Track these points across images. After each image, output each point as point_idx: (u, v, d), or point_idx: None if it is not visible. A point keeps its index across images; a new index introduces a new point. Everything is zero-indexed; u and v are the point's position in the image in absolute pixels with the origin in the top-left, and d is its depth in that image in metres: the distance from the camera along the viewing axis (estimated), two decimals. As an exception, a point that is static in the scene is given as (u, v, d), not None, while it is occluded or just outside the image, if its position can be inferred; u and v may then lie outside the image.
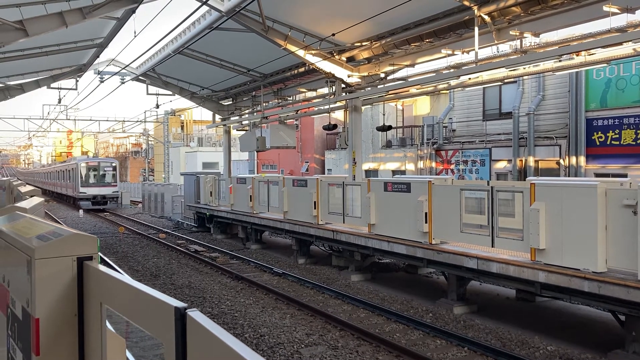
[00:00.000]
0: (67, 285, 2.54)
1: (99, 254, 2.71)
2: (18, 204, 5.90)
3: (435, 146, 25.30)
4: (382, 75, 18.12)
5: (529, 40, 15.05)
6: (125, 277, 2.23)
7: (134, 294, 2.05)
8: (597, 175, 18.13)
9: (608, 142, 18.55)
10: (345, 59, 17.42)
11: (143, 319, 2.01)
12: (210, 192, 23.61)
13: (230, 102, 28.60)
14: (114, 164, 38.97)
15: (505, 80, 15.31)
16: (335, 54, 17.22)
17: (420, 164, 26.01)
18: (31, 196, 7.95)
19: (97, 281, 2.46)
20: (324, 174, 32.71)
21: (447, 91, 23.05)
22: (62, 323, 2.52)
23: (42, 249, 2.54)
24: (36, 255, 2.52)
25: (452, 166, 24.70)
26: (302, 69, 20.03)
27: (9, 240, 3.12)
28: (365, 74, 17.71)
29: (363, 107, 19.81)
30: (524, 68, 14.85)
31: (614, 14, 11.08)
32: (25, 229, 3.17)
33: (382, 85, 18.27)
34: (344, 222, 14.44)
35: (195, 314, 1.61)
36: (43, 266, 2.51)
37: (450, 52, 15.18)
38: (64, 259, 2.55)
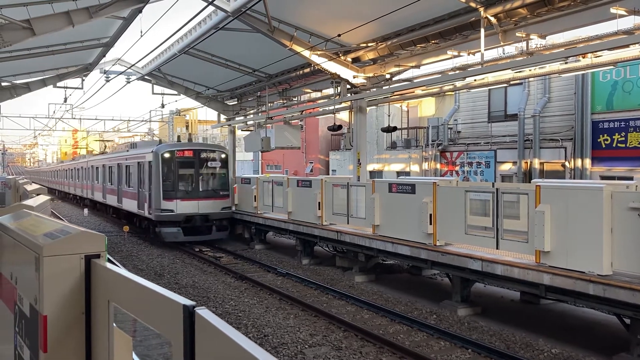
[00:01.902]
0: (75, 283, 2.55)
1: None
2: (25, 202, 5.93)
3: (440, 148, 25.25)
4: (388, 76, 18.10)
5: (535, 42, 15.00)
6: (133, 275, 2.24)
7: (142, 292, 2.06)
8: (603, 178, 18.06)
9: (614, 145, 18.48)
10: (350, 60, 17.41)
11: (151, 317, 2.02)
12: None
13: (236, 102, 28.61)
14: (223, 155, 20.36)
15: (511, 82, 15.26)
16: (340, 55, 17.22)
17: (425, 166, 25.97)
18: (37, 194, 8.00)
19: (104, 279, 2.47)
20: (328, 174, 32.70)
21: (453, 93, 22.99)
22: (69, 320, 2.54)
23: (50, 247, 2.56)
24: (44, 253, 2.53)
25: (457, 168, 24.65)
26: (307, 70, 20.02)
27: (17, 238, 3.13)
28: (371, 74, 17.70)
29: (368, 108, 19.79)
30: (530, 70, 14.80)
31: (621, 16, 11.05)
32: (33, 227, 3.19)
33: (388, 87, 18.25)
34: (348, 223, 14.43)
35: (203, 312, 1.62)
36: (51, 264, 2.53)
37: (456, 53, 15.15)
38: (71, 256, 2.56)
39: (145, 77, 26.42)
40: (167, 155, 19.02)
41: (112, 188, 26.04)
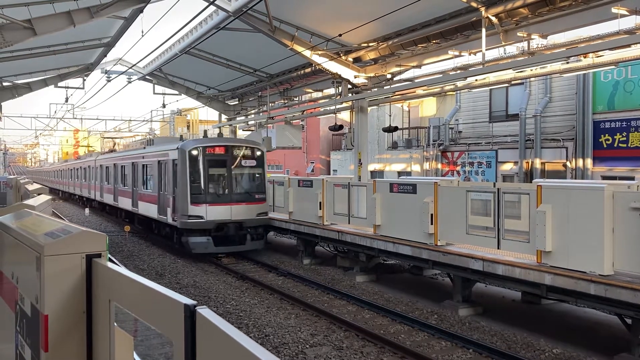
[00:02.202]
0: (76, 282, 2.55)
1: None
2: (26, 202, 5.93)
3: (441, 147, 25.25)
4: (389, 76, 18.11)
5: (537, 41, 15.00)
6: (134, 275, 2.24)
7: (143, 291, 2.06)
8: (604, 178, 18.05)
9: (615, 145, 18.46)
10: (351, 60, 17.41)
11: (152, 317, 2.02)
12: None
13: (237, 102, 28.65)
14: (259, 152, 17.30)
15: (512, 82, 15.27)
16: (341, 55, 17.23)
17: (426, 166, 25.97)
18: (38, 194, 8.01)
19: (105, 278, 2.47)
20: (329, 174, 32.70)
21: (454, 92, 22.99)
22: (70, 320, 2.54)
23: (51, 246, 2.56)
24: (45, 252, 2.53)
25: (458, 168, 24.64)
26: (308, 70, 20.05)
27: (18, 238, 3.13)
28: (372, 74, 17.71)
29: (369, 108, 19.80)
30: (531, 70, 14.80)
31: (622, 15, 11.04)
32: (34, 226, 3.19)
33: (389, 86, 18.26)
34: (349, 223, 14.42)
35: (204, 311, 1.62)
36: (52, 263, 2.53)
37: (457, 53, 15.16)
38: (73, 256, 2.56)
39: (147, 77, 26.46)
40: (195, 152, 16.00)
41: (125, 190, 23.21)
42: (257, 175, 17.04)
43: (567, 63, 14.01)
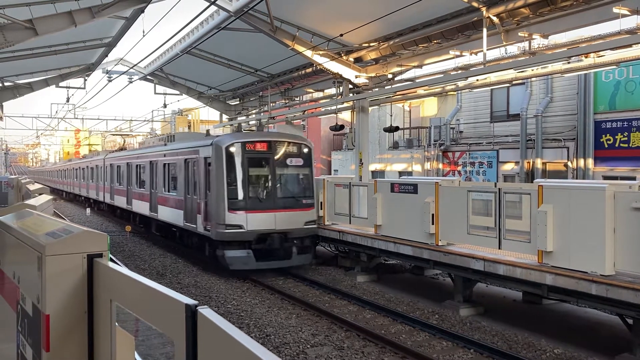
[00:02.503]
0: (77, 282, 2.55)
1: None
2: (27, 202, 5.94)
3: (442, 147, 25.24)
4: (390, 76, 18.11)
5: (538, 41, 15.00)
6: (135, 275, 2.24)
7: (144, 291, 2.06)
8: (606, 177, 18.03)
9: (617, 145, 18.44)
10: (352, 60, 17.42)
11: (153, 316, 2.02)
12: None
13: (238, 102, 28.67)
14: (306, 149, 14.88)
15: (513, 82, 15.26)
16: (342, 55, 17.23)
17: (427, 166, 25.96)
18: (40, 194, 8.02)
19: (107, 278, 2.47)
20: (330, 174, 32.71)
21: (455, 92, 22.99)
22: (72, 320, 2.54)
23: (52, 246, 2.56)
24: (47, 252, 2.53)
25: (459, 168, 24.63)
26: (309, 70, 20.05)
27: (20, 237, 3.14)
28: (373, 74, 17.71)
29: (370, 108, 19.80)
30: (532, 70, 14.80)
31: (623, 15, 11.04)
32: (36, 226, 3.19)
33: (390, 86, 18.27)
34: (350, 223, 14.42)
35: (206, 311, 1.62)
36: (53, 263, 2.53)
37: (458, 53, 15.16)
38: (74, 256, 2.56)
39: (148, 77, 26.49)
40: (233, 148, 13.59)
41: (141, 192, 20.77)
42: (304, 176, 14.61)
43: (569, 63, 14.01)
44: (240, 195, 13.57)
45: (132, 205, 22.12)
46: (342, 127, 20.65)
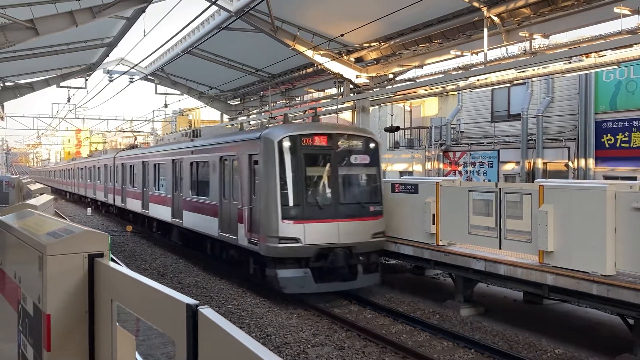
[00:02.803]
0: (78, 282, 2.56)
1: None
2: (28, 202, 5.95)
3: (443, 147, 25.23)
4: (391, 76, 18.12)
5: (539, 41, 15.00)
6: (136, 274, 2.25)
7: (145, 291, 2.06)
8: (606, 177, 18.02)
9: (617, 145, 18.43)
10: (353, 60, 17.42)
11: (154, 316, 2.03)
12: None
13: (238, 102, 28.68)
14: (372, 144, 12.26)
15: (514, 82, 15.26)
16: (343, 55, 17.23)
17: (428, 165, 25.96)
18: (40, 194, 8.03)
19: (108, 278, 2.47)
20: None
21: (456, 92, 22.99)
22: (73, 319, 2.54)
23: (53, 246, 2.56)
24: (48, 252, 2.54)
25: (460, 168, 24.63)
26: (310, 70, 20.06)
27: (21, 237, 3.14)
28: (374, 74, 17.71)
29: (371, 108, 19.80)
30: (533, 70, 14.79)
31: (624, 15, 11.03)
32: (37, 226, 3.19)
33: (390, 86, 18.27)
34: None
35: (206, 311, 1.62)
36: (54, 263, 2.53)
37: (459, 53, 15.16)
38: (75, 255, 2.57)
39: (149, 77, 26.52)
40: (288, 143, 11.15)
41: (160, 195, 18.40)
42: (371, 178, 12.18)
43: (569, 63, 14.01)
44: (297, 201, 11.09)
45: (149, 209, 19.58)
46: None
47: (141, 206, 20.68)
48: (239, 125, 16.34)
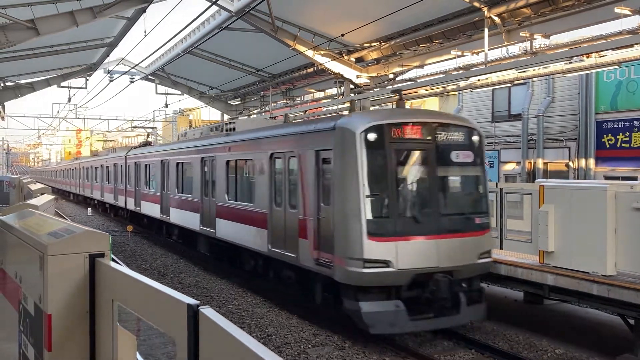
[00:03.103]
0: (79, 282, 2.56)
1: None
2: (29, 201, 5.96)
3: (443, 147, 25.18)
4: (391, 76, 18.12)
5: (539, 41, 14.99)
6: (137, 274, 2.25)
7: (146, 291, 2.06)
8: (607, 178, 18.00)
9: (618, 145, 18.42)
10: (354, 60, 17.42)
11: (155, 316, 2.03)
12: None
13: (239, 102, 28.69)
14: (475, 138, 9.34)
15: (515, 82, 15.25)
16: (344, 55, 17.23)
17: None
18: (41, 194, 8.04)
19: (108, 278, 2.48)
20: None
21: (456, 92, 22.97)
22: (74, 319, 2.55)
23: (54, 246, 2.57)
24: (49, 252, 2.54)
25: (460, 168, 24.58)
26: (310, 70, 20.06)
27: (22, 237, 3.14)
28: (374, 74, 17.72)
29: (371, 108, 19.81)
30: (534, 70, 14.78)
31: (625, 15, 11.03)
32: (37, 226, 3.20)
33: (391, 86, 18.27)
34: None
35: (207, 311, 1.63)
36: (55, 262, 2.54)
37: (459, 53, 15.16)
38: (76, 255, 2.57)
39: (149, 77, 26.53)
40: (374, 135, 8.62)
41: (185, 200, 16.05)
42: (476, 180, 9.50)
43: (570, 63, 14.00)
44: (387, 212, 8.63)
45: (170, 215, 17.34)
46: None
47: (160, 211, 18.39)
48: (284, 117, 13.71)
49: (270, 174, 11.04)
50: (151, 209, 19.49)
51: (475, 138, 9.42)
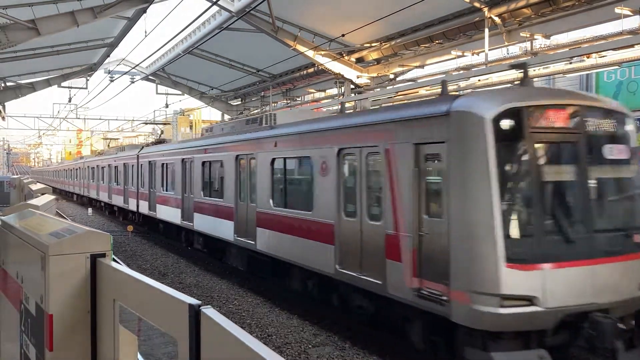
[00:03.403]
0: (81, 282, 2.56)
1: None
2: (30, 202, 5.96)
3: (443, 148, 25.18)
4: (391, 76, 18.14)
5: (540, 42, 15.00)
6: (139, 274, 2.25)
7: (148, 291, 2.07)
8: (607, 178, 18.01)
9: (618, 145, 18.43)
10: (354, 60, 17.44)
11: (156, 316, 2.03)
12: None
13: (239, 102, 28.72)
14: (629, 127, 7.04)
15: (515, 82, 15.26)
16: (344, 55, 17.25)
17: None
18: (42, 194, 8.04)
19: (110, 278, 2.48)
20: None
21: (456, 93, 22.98)
22: (75, 319, 2.55)
23: (56, 246, 2.57)
24: (50, 252, 2.55)
25: (461, 168, 24.60)
26: (311, 70, 20.09)
27: (23, 237, 3.15)
28: (375, 74, 17.73)
29: (371, 108, 19.83)
30: (534, 70, 14.79)
31: (625, 16, 11.04)
32: (39, 226, 3.20)
33: (391, 86, 18.29)
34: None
35: (209, 311, 1.63)
36: (57, 263, 2.54)
37: (460, 53, 15.18)
38: (77, 255, 2.58)
39: (150, 77, 26.57)
40: (510, 122, 6.31)
41: (213, 205, 13.99)
42: (631, 185, 7.25)
43: (570, 63, 14.01)
44: (531, 229, 6.41)
45: (194, 222, 15.26)
46: None
47: (181, 217, 16.28)
48: (340, 106, 11.16)
49: (337, 175, 8.86)
50: (169, 214, 17.31)
51: (629, 128, 7.25)
